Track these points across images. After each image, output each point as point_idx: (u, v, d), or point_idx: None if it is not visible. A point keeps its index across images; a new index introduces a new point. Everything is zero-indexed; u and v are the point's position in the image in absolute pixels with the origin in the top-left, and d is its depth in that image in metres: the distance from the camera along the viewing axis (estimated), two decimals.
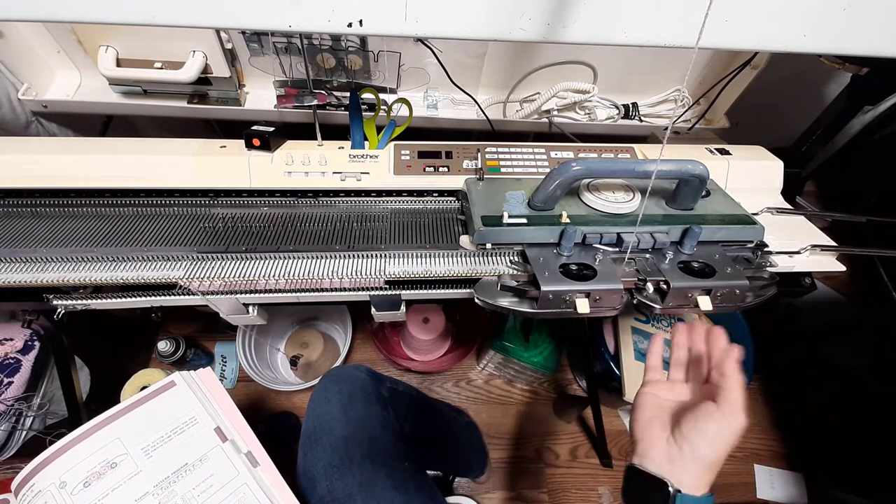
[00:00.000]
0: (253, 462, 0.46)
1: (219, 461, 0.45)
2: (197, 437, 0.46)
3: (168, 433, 0.46)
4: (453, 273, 0.48)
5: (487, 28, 0.32)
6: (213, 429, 0.47)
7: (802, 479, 1.01)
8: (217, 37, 0.74)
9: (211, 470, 0.44)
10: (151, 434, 0.45)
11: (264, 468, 0.46)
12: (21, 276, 0.45)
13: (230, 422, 0.48)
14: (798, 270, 0.55)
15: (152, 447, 0.45)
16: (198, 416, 0.47)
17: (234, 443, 0.47)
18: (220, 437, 0.47)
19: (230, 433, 0.47)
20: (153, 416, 0.47)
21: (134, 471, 0.43)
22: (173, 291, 0.49)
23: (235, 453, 0.46)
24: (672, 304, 0.47)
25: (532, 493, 0.96)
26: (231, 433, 0.47)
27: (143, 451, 0.44)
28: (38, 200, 0.55)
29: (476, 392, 1.07)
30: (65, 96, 0.83)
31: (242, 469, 0.45)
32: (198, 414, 0.48)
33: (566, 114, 0.90)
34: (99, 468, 0.43)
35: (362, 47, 0.76)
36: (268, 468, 0.46)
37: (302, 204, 0.58)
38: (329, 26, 0.30)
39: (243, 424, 0.48)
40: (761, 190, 0.63)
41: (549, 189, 0.48)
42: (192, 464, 0.44)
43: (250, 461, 0.46)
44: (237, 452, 0.46)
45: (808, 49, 0.34)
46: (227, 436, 0.47)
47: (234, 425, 0.48)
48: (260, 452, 0.47)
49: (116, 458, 0.44)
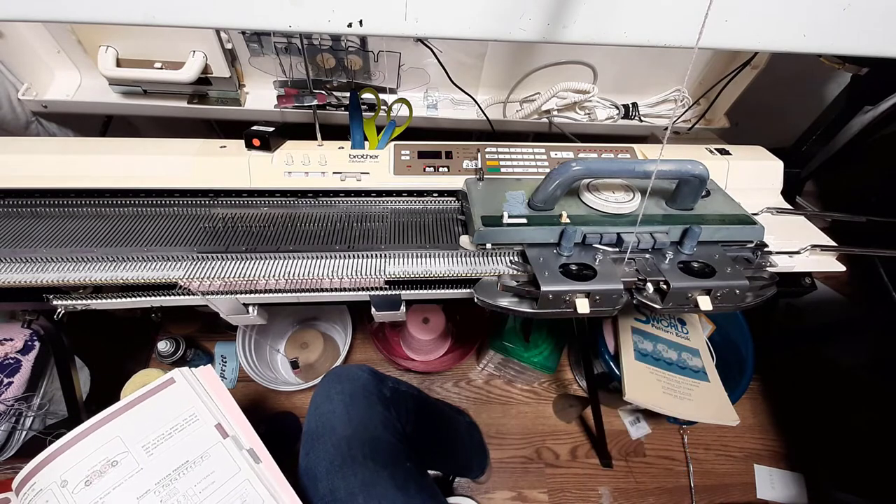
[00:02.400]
0: (255, 458, 0.46)
1: (220, 458, 0.45)
2: (198, 433, 0.46)
3: (169, 430, 0.46)
4: (453, 273, 0.48)
5: (487, 28, 0.32)
6: (213, 426, 0.47)
7: (802, 479, 1.01)
8: (217, 37, 0.74)
9: (212, 467, 0.44)
10: (152, 431, 0.45)
11: (266, 465, 0.46)
12: (21, 276, 0.45)
13: (231, 418, 0.48)
14: (798, 270, 0.55)
15: (153, 444, 0.45)
16: (198, 412, 0.47)
17: (235, 439, 0.46)
18: (220, 433, 0.46)
19: (231, 430, 0.47)
20: (153, 414, 0.47)
21: (135, 468, 0.43)
22: (173, 291, 0.49)
23: (237, 450, 0.46)
24: (672, 305, 0.47)
25: (532, 493, 0.96)
26: (232, 429, 0.47)
27: (144, 448, 0.44)
28: (38, 200, 0.55)
29: (476, 392, 1.07)
30: (65, 96, 0.83)
31: (244, 465, 0.45)
32: (198, 411, 0.47)
33: (566, 114, 0.90)
34: (100, 466, 0.43)
35: (362, 47, 0.76)
36: (269, 465, 0.46)
37: (302, 204, 0.58)
38: (329, 26, 0.30)
39: (244, 421, 0.48)
40: (761, 190, 0.63)
41: (549, 189, 0.48)
42: (194, 461, 0.44)
43: (252, 458, 0.46)
44: (239, 449, 0.46)
45: (808, 49, 0.34)
46: (227, 432, 0.47)
47: (235, 422, 0.48)
48: (261, 449, 0.47)
49: (117, 455, 0.43)
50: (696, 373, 0.83)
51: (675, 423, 1.05)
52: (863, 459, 1.01)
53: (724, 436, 1.05)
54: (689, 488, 0.99)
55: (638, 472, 1.00)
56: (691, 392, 0.80)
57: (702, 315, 0.95)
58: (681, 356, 0.85)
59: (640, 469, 1.00)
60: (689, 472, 1.00)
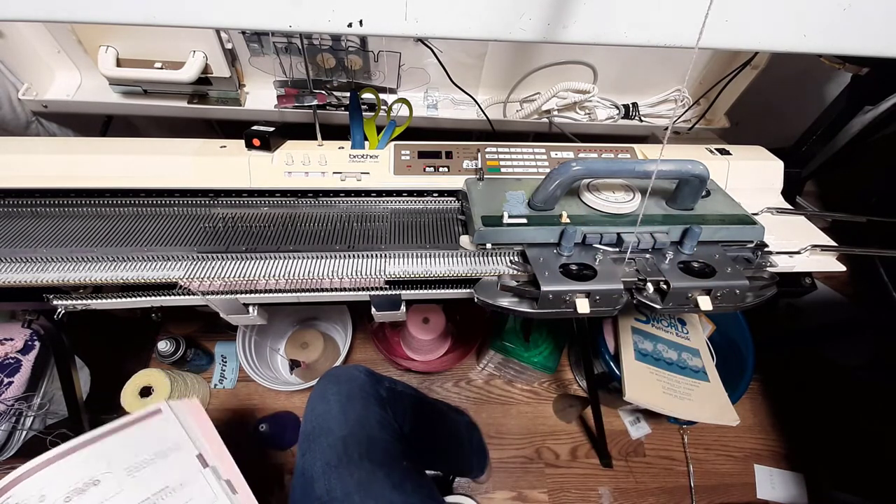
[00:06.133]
0: (232, 489, 0.47)
1: (199, 486, 0.46)
2: (179, 461, 0.47)
3: (152, 456, 0.47)
4: (453, 273, 0.48)
5: (487, 28, 0.32)
6: (195, 455, 0.48)
7: (802, 479, 1.01)
8: (217, 37, 0.74)
9: (190, 494, 0.46)
10: (135, 456, 0.46)
11: (242, 496, 0.47)
12: (21, 276, 0.45)
13: (212, 450, 0.49)
14: (798, 270, 0.55)
15: (135, 468, 0.45)
16: (181, 442, 0.49)
17: (214, 469, 0.48)
18: (201, 462, 0.48)
19: (211, 460, 0.48)
20: (139, 440, 0.48)
21: (116, 489, 0.44)
22: (173, 291, 0.49)
23: (215, 479, 0.47)
24: (672, 305, 0.47)
25: (532, 493, 0.96)
26: (212, 460, 0.48)
27: (126, 471, 0.45)
28: (38, 200, 0.55)
29: (476, 392, 1.07)
30: (65, 96, 0.83)
31: (221, 495, 0.46)
32: (181, 440, 0.49)
33: (566, 114, 0.90)
34: (81, 485, 0.43)
35: (362, 47, 0.76)
36: (246, 497, 0.47)
37: (302, 204, 0.58)
38: (329, 26, 0.30)
39: (225, 453, 0.50)
40: (761, 190, 0.63)
41: (549, 189, 0.48)
42: (174, 487, 0.45)
43: (230, 488, 0.47)
44: (217, 479, 0.47)
45: (808, 49, 0.34)
46: (208, 462, 0.48)
47: (216, 453, 0.49)
48: (239, 481, 0.48)
49: (100, 475, 0.44)
50: (696, 373, 0.83)
51: (676, 423, 1.05)
52: (863, 459, 1.01)
53: (724, 436, 1.05)
54: (690, 488, 0.99)
55: (638, 472, 1.00)
56: (691, 392, 0.80)
57: (702, 315, 0.95)
58: (681, 356, 0.85)
59: (640, 469, 1.00)
60: (690, 472, 1.00)
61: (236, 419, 0.99)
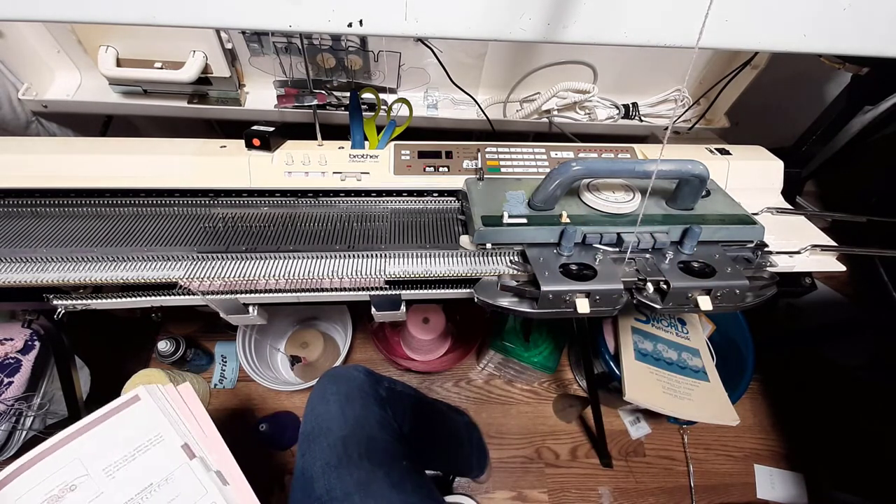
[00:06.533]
0: (223, 480, 0.44)
1: (186, 480, 0.43)
2: (162, 455, 0.44)
3: (132, 451, 0.44)
4: (453, 273, 0.48)
5: (487, 28, 0.32)
6: (179, 446, 0.45)
7: (802, 479, 1.01)
8: (217, 37, 0.74)
9: (178, 489, 0.42)
10: (113, 453, 0.43)
11: (235, 486, 0.44)
12: (21, 276, 0.45)
13: (199, 438, 0.46)
14: (798, 270, 0.55)
15: (115, 467, 0.42)
16: (163, 432, 0.45)
17: (202, 460, 0.44)
18: (187, 454, 0.44)
19: (199, 450, 0.45)
20: (115, 434, 0.44)
21: (95, 493, 0.41)
22: (173, 291, 0.49)
23: (204, 471, 0.44)
24: (672, 305, 0.47)
25: (532, 493, 0.96)
26: (199, 450, 0.45)
27: (105, 471, 0.42)
28: (38, 200, 0.55)
29: (476, 392, 1.07)
30: (65, 96, 0.83)
31: (211, 488, 0.43)
32: (163, 430, 0.45)
33: (566, 114, 0.90)
34: (57, 491, 0.40)
35: (362, 47, 0.76)
36: (240, 486, 0.44)
37: (302, 204, 0.58)
38: (329, 26, 0.30)
39: (217, 441, 0.46)
40: (761, 190, 0.63)
41: (549, 189, 0.48)
42: (158, 483, 0.42)
43: (220, 479, 0.44)
44: (206, 470, 0.44)
45: (808, 49, 0.34)
46: (195, 453, 0.45)
47: (205, 442, 0.46)
48: (232, 471, 0.45)
49: (76, 479, 0.41)
50: (696, 373, 0.83)
51: (675, 423, 1.05)
52: (863, 459, 1.01)
53: (724, 436, 1.05)
54: (689, 488, 0.99)
55: (638, 472, 1.00)
56: (691, 392, 0.80)
57: (702, 315, 0.95)
58: (681, 356, 0.85)
59: (640, 469, 1.00)
60: (690, 472, 1.00)
61: (236, 419, 0.99)
